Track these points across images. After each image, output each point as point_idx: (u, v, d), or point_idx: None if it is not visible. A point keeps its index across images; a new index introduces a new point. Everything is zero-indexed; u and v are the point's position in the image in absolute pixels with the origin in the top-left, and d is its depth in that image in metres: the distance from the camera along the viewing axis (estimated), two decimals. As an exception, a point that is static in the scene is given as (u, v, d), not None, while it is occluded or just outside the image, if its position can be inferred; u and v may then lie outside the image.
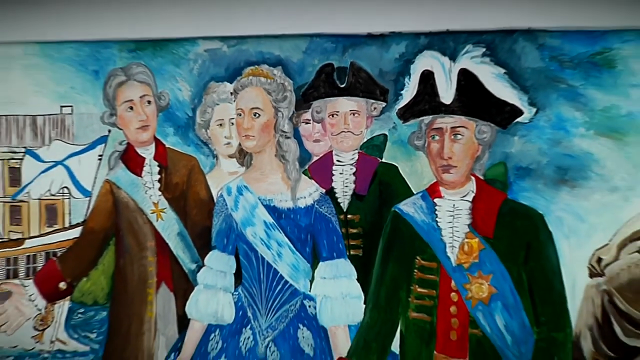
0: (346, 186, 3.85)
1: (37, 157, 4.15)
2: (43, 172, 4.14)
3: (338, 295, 3.71)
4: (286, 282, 3.73)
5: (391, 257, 3.66)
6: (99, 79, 4.03)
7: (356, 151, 3.85)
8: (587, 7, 3.74)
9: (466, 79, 3.53)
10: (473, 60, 3.62)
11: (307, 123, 3.92)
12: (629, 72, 3.73)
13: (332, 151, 3.87)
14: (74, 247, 4.03)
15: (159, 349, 3.95)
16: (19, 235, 4.17)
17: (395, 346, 3.68)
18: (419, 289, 3.60)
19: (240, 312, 3.78)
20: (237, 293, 3.79)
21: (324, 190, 3.79)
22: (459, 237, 3.58)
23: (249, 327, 3.76)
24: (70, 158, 4.11)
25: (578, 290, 3.73)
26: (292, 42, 3.94)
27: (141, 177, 3.98)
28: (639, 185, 3.74)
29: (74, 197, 4.13)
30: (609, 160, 3.73)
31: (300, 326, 3.75)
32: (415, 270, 3.61)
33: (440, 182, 3.59)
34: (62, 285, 4.00)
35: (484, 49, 3.63)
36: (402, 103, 3.63)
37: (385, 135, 3.87)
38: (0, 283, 4.15)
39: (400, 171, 3.84)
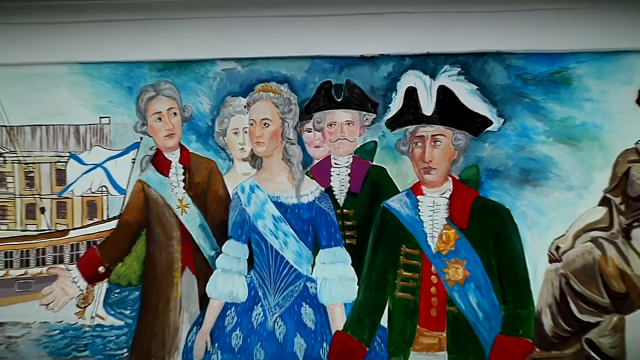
0: (342, 185, 3.93)
1: (79, 161, 4.17)
2: (85, 173, 4.18)
3: (335, 277, 3.84)
4: (291, 266, 3.86)
5: (380, 245, 3.80)
6: (132, 94, 4.04)
7: (351, 155, 3.93)
8: (547, 32, 3.83)
9: (444, 94, 3.69)
10: (450, 78, 3.77)
11: (309, 131, 3.98)
12: (583, 88, 3.83)
13: (330, 155, 3.95)
14: (111, 236, 4.11)
15: (183, 324, 4.01)
16: (64, 227, 4.19)
17: (384, 321, 3.82)
18: (404, 273, 3.76)
19: (252, 292, 3.91)
20: (249, 276, 3.91)
21: (323, 189, 3.89)
22: (438, 228, 3.73)
23: (259, 304, 3.90)
24: (108, 161, 4.15)
25: (539, 274, 3.86)
26: (296, 62, 3.98)
27: (168, 177, 4.04)
28: (591, 184, 3.83)
29: (111, 195, 4.17)
30: (565, 163, 3.84)
31: (303, 304, 3.88)
32: (401, 257, 3.77)
33: (422, 181, 3.75)
34: (101, 269, 4.07)
35: (459, 69, 3.78)
36: (389, 115, 3.78)
37: (375, 142, 3.94)
38: (48, 267, 4.16)
39: (388, 172, 3.92)
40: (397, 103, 3.80)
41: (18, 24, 4.04)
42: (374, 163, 3.96)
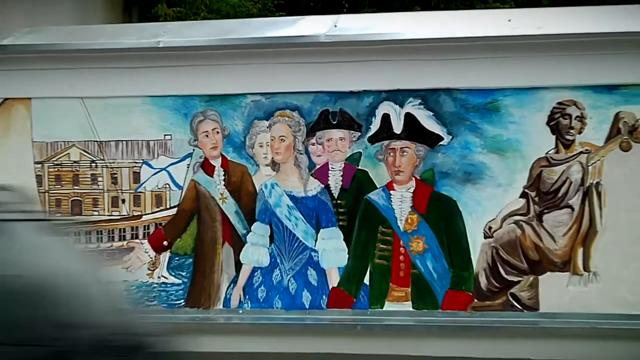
0: (337, 183, 4.16)
1: (150, 166, 4.34)
2: (154, 174, 4.34)
3: (332, 249, 4.14)
4: (300, 241, 4.17)
5: (364, 226, 4.12)
6: (187, 118, 4.24)
7: (343, 162, 4.14)
8: (482, 74, 3.98)
9: (409, 119, 4.03)
10: (413, 107, 4.06)
11: (313, 145, 4.20)
12: (508, 114, 3.99)
13: (328, 162, 4.16)
14: (172, 220, 4.31)
15: (224, 282, 4.26)
16: (139, 213, 4.37)
17: (367, 280, 4.14)
18: (381, 245, 4.10)
19: (273, 259, 4.20)
20: (270, 247, 4.20)
21: (323, 186, 4.17)
22: (405, 214, 4.07)
23: (278, 268, 4.20)
24: (170, 166, 4.32)
25: (477, 246, 4.07)
26: (304, 96, 4.14)
27: (213, 177, 4.24)
28: (514, 183, 4.01)
29: (172, 190, 4.33)
30: (496, 168, 4.02)
31: (309, 268, 4.18)
32: (379, 234, 4.10)
33: (393, 181, 4.08)
34: (165, 243, 4.29)
35: (420, 100, 4.06)
36: (370, 133, 4.09)
37: (360, 153, 4.12)
38: (127, 242, 4.32)
39: (370, 174, 4.12)
40: (375, 125, 4.10)
41: (106, 68, 4.24)
42: (359, 167, 4.12)
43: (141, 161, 4.39)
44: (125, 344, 1.89)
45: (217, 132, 4.24)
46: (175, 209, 4.35)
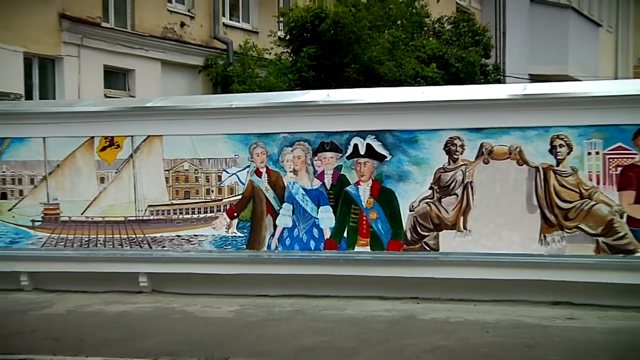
0: (329, 182, 4.51)
1: (227, 172, 4.64)
2: (229, 177, 4.64)
3: (326, 217, 4.52)
4: (309, 213, 4.55)
5: (344, 205, 4.51)
6: (247, 146, 4.57)
7: (332, 170, 4.48)
8: (408, 121, 4.27)
9: (369, 146, 4.40)
10: (371, 140, 4.44)
11: (316, 161, 4.49)
12: (422, 144, 4.30)
13: (324, 170, 4.51)
14: (239, 202, 4.64)
15: (267, 235, 4.55)
16: (221, 198, 4.67)
17: (345, 234, 4.48)
18: (353, 216, 4.49)
19: (293, 223, 4.58)
20: (293, 217, 4.57)
21: (321, 183, 4.54)
22: (366, 198, 4.45)
23: (296, 228, 4.59)
24: (238, 172, 4.62)
25: (405, 216, 4.34)
26: (311, 134, 4.48)
27: (261, 178, 4.60)
28: (425, 181, 4.31)
29: (239, 185, 4.63)
30: (415, 173, 4.30)
31: (314, 227, 4.56)
32: (351, 209, 4.48)
33: (360, 180, 4.45)
34: (235, 214, 4.62)
35: (374, 136, 4.43)
36: (347, 154, 4.47)
37: (342, 165, 4.47)
38: (214, 214, 4.64)
39: (347, 177, 4.47)
40: (350, 149, 4.50)
41: (203, 118, 4.61)
42: (341, 173, 4.49)
43: (222, 169, 4.71)
44: None
45: (264, 154, 4.60)
46: (241, 195, 4.68)
